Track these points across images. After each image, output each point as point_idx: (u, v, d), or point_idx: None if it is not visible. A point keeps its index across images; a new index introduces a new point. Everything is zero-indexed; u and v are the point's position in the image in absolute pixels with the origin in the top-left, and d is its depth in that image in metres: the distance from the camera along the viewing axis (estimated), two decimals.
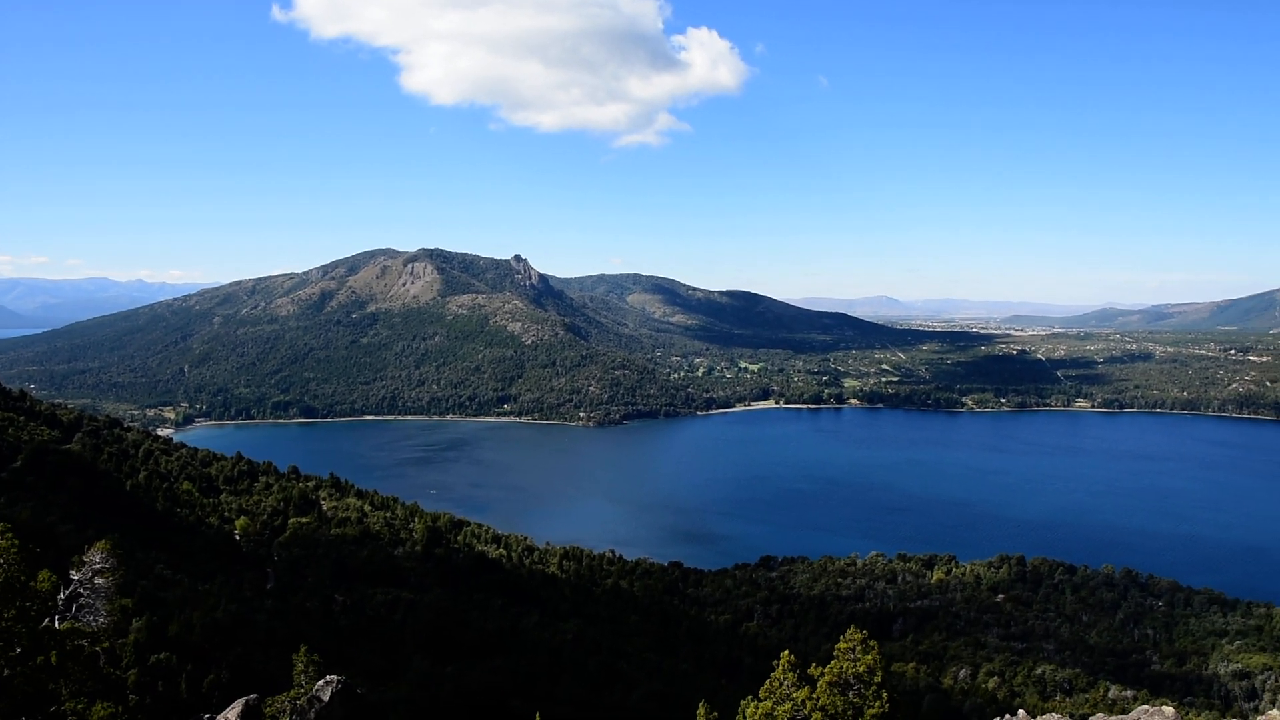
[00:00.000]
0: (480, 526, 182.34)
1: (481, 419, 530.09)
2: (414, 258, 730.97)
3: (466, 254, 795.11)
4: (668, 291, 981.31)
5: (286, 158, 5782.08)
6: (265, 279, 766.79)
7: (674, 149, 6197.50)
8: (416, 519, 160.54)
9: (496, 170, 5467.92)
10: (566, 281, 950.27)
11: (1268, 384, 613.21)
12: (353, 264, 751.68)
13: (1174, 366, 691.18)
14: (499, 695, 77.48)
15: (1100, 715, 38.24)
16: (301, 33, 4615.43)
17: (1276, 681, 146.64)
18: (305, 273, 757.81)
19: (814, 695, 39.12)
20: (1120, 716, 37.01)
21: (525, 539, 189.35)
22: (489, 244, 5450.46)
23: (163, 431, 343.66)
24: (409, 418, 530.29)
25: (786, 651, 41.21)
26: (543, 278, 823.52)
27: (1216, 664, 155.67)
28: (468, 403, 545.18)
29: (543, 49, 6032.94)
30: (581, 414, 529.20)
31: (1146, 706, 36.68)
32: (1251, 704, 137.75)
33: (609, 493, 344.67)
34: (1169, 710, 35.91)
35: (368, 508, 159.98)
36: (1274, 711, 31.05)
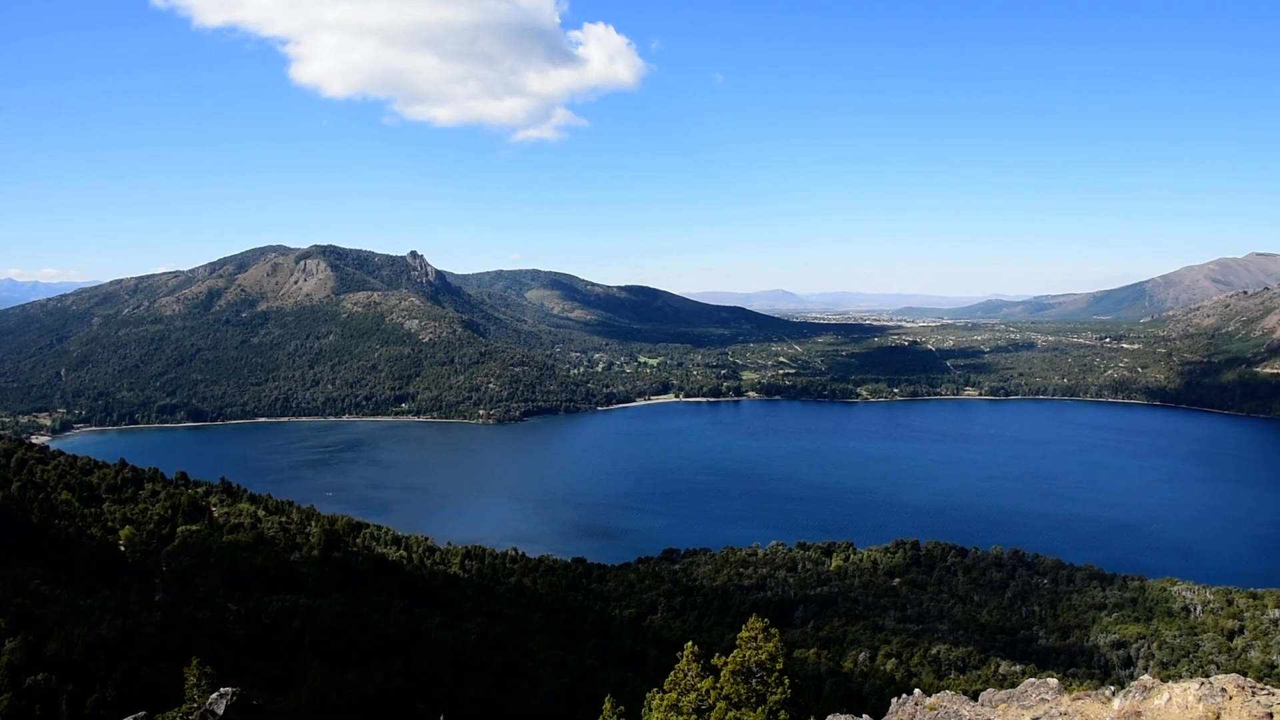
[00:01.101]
0: (380, 528, 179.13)
1: (379, 418, 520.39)
2: (306, 254, 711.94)
3: (361, 250, 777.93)
4: (566, 287, 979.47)
5: (169, 151, 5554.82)
6: (148, 277, 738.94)
7: (572, 144, 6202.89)
8: (313, 523, 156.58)
9: (391, 165, 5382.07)
10: (464, 278, 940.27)
11: (1139, 370, 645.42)
12: (242, 261, 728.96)
13: (1055, 355, 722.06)
14: (402, 698, 76.29)
15: (990, 690, 39.55)
16: (183, 20, 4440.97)
17: (1149, 649, 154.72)
18: (191, 271, 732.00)
19: (718, 684, 39.61)
20: (1010, 690, 38.36)
21: (426, 540, 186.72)
22: (384, 240, 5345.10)
23: (38, 439, 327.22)
24: (303, 419, 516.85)
25: (690, 643, 41.63)
26: (440, 274, 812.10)
27: (1096, 635, 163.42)
28: (364, 402, 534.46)
29: (438, 42, 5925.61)
30: (481, 411, 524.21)
31: (1033, 679, 38.12)
32: (1127, 671, 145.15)
33: (510, 490, 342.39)
34: (1053, 682, 37.42)
35: (261, 513, 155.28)
36: (1146, 677, 32.59)
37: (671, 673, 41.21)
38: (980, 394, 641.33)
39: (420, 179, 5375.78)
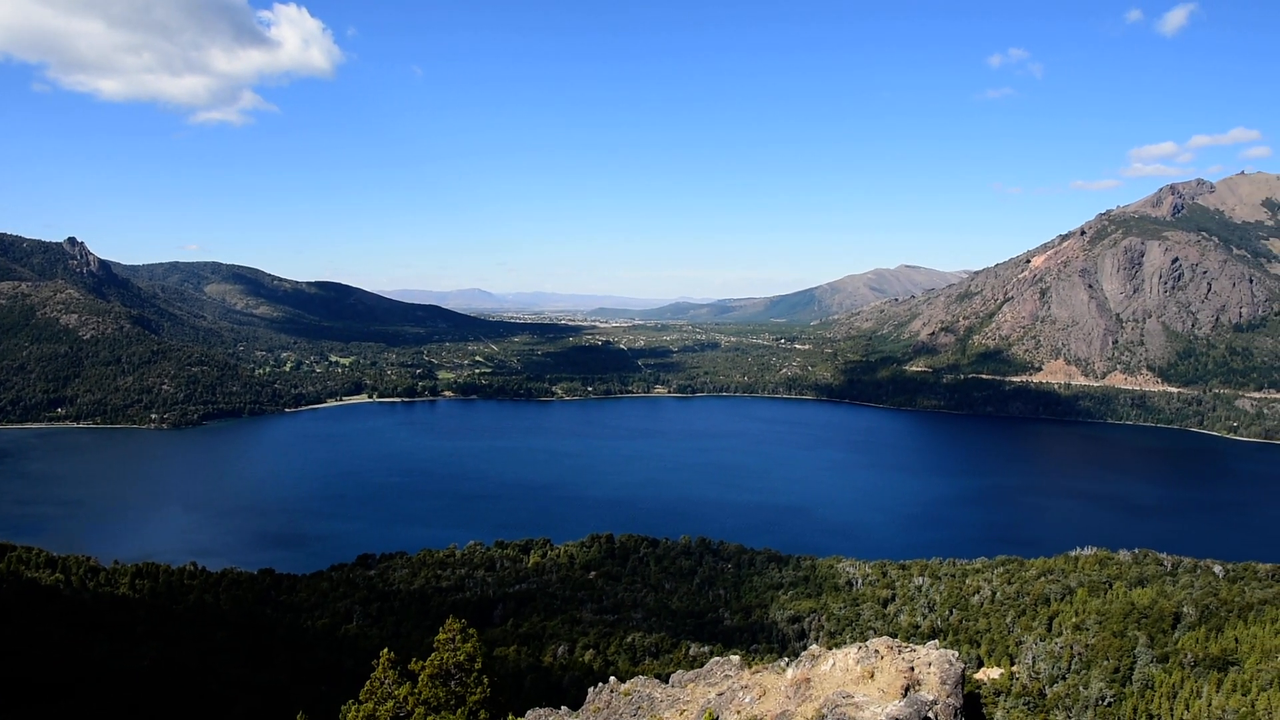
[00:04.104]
0: (30, 550, 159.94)
1: (28, 425, 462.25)
2: None
3: (5, 235, 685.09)
4: (251, 282, 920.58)
5: None
6: None
7: (260, 130, 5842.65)
8: None
9: (44, 139, 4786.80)
10: (134, 269, 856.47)
11: (809, 368, 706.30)
12: None
13: (736, 354, 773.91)
14: None
15: (680, 671, 42.16)
16: None
17: (819, 621, 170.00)
18: None
19: (416, 690, 39.38)
20: (697, 670, 41.14)
21: (89, 560, 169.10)
22: (35, 224, 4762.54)
23: None
24: None
25: (386, 649, 41.03)
26: (104, 264, 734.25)
27: (775, 613, 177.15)
28: (10, 408, 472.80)
29: (105, 5, 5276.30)
30: (153, 415, 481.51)
31: (719, 658, 41.12)
32: (801, 642, 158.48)
33: (188, 500, 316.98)
34: (735, 659, 40.59)
35: None
36: (814, 647, 36.32)
37: (368, 682, 40.43)
38: (669, 392, 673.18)
39: (80, 158, 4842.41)
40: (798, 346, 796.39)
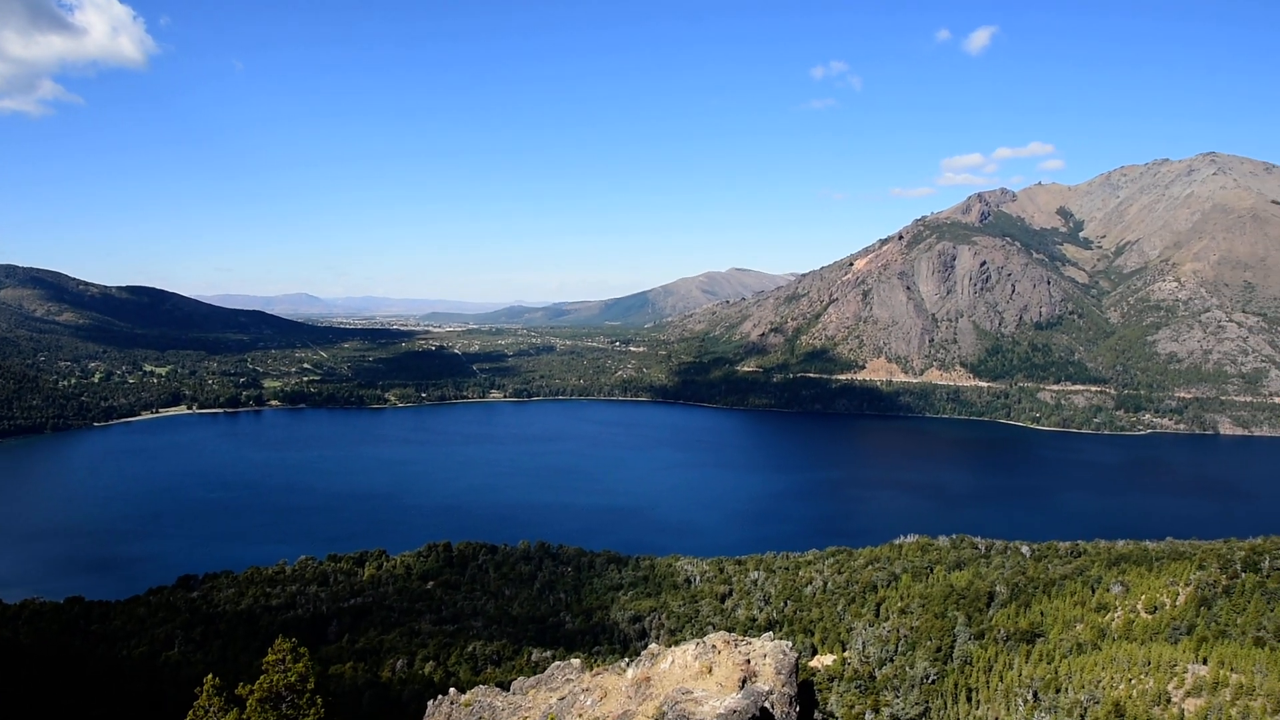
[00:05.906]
0: None
1: None
2: None
3: None
4: (53, 286, 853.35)
5: None
6: None
7: (61, 122, 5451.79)
8: None
9: None
10: None
11: (644, 370, 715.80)
12: None
13: (572, 357, 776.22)
14: None
15: (522, 678, 41.94)
16: None
17: (660, 620, 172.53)
18: None
19: (244, 716, 37.65)
20: (538, 675, 41.02)
21: None
22: None
23: None
24: None
25: (211, 675, 39.10)
26: None
27: (616, 613, 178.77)
28: None
29: None
30: None
31: (560, 663, 41.13)
32: (643, 642, 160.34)
33: None
34: (576, 662, 40.70)
35: None
36: (654, 645, 36.86)
37: (190, 711, 38.39)
38: (505, 396, 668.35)
39: None
40: (633, 349, 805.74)
